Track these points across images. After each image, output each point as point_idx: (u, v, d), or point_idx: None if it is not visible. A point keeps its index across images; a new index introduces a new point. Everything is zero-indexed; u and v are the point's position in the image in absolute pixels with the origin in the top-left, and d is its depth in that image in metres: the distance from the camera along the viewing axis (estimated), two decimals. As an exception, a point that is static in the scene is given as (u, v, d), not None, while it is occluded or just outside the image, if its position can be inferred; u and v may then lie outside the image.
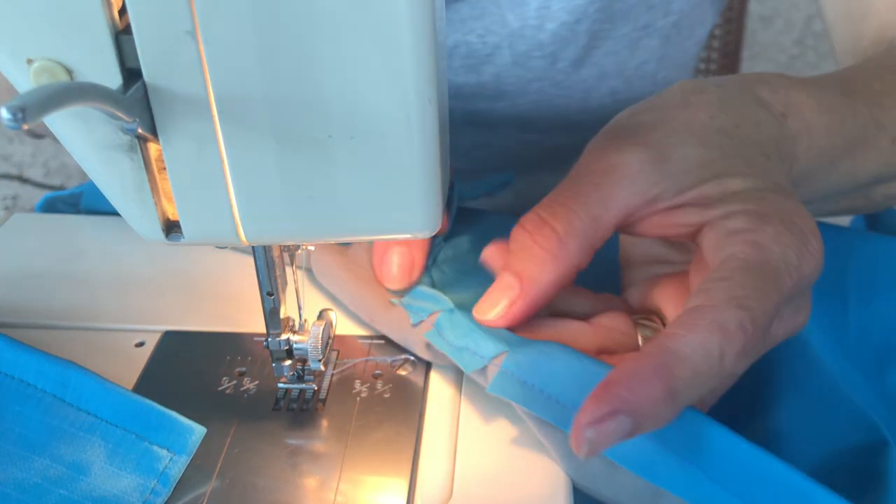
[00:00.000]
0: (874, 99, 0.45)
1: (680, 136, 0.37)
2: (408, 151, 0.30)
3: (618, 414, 0.30)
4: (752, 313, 0.32)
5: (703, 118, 0.38)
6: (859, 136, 0.43)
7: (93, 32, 0.27)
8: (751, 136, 0.39)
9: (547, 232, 0.37)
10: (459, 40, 0.60)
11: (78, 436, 0.38)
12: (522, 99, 0.63)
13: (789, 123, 0.41)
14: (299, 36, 0.27)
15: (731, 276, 0.33)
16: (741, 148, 0.38)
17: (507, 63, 0.60)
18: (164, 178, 0.31)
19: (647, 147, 0.37)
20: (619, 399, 0.30)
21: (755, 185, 0.36)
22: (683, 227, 0.37)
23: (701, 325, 0.31)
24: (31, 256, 0.52)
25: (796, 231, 0.34)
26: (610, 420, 0.30)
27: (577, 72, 0.62)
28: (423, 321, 0.41)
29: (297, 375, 0.41)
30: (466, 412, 0.41)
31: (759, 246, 0.34)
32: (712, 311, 0.32)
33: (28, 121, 0.22)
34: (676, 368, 0.31)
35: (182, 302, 0.48)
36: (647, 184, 0.36)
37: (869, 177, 0.45)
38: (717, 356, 0.31)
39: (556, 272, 0.37)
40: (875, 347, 0.45)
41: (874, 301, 0.47)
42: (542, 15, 0.58)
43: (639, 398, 0.30)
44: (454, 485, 0.37)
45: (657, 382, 0.30)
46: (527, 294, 0.37)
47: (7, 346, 0.41)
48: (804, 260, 0.34)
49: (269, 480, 0.37)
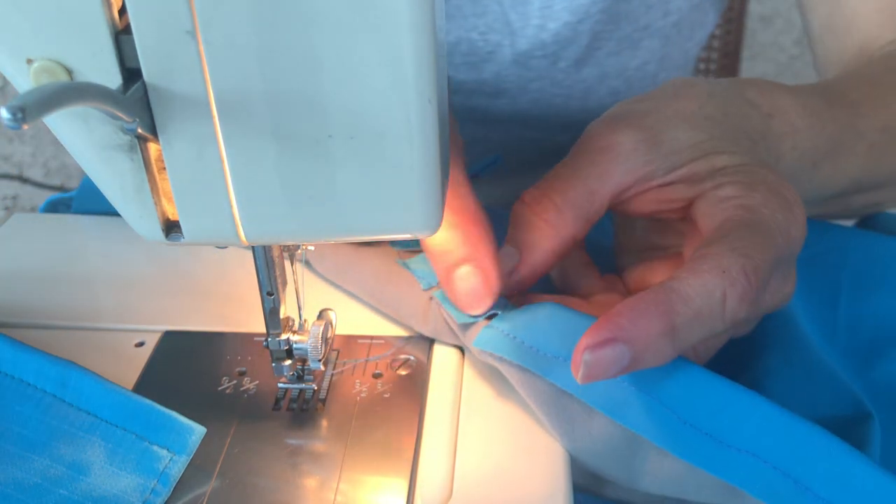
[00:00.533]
0: (853, 108, 0.48)
1: (671, 122, 0.39)
2: (408, 151, 0.30)
3: (616, 342, 0.31)
4: (752, 261, 0.33)
5: (692, 107, 0.40)
6: (839, 140, 0.46)
7: (93, 32, 0.27)
8: (738, 125, 0.41)
9: (545, 203, 0.39)
10: (461, 37, 0.60)
11: (78, 436, 0.38)
12: (522, 97, 0.63)
13: (775, 124, 0.43)
14: (299, 36, 0.27)
15: (729, 232, 0.34)
16: (728, 132, 0.40)
17: (507, 61, 0.61)
18: (164, 178, 0.31)
19: (641, 129, 0.39)
20: (618, 327, 0.31)
21: (742, 160, 0.38)
22: (676, 203, 0.39)
23: (704, 269, 0.33)
24: (31, 256, 0.52)
25: (782, 198, 0.36)
26: (608, 347, 0.31)
27: (578, 72, 0.62)
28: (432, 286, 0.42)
29: (297, 375, 0.41)
30: (466, 412, 0.41)
31: (751, 209, 0.35)
32: (715, 258, 0.33)
33: (28, 121, 0.22)
34: (678, 306, 0.32)
35: (182, 302, 0.48)
36: (641, 162, 0.38)
37: (849, 181, 0.48)
38: (718, 297, 0.32)
39: (555, 240, 0.39)
40: (864, 343, 0.46)
41: (865, 298, 0.48)
42: (544, 14, 0.58)
43: (637, 329, 0.31)
44: (454, 485, 0.37)
45: (657, 317, 0.31)
46: (526, 262, 0.39)
47: (7, 346, 0.41)
48: (791, 224, 0.35)
49: (269, 480, 0.37)
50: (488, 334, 0.38)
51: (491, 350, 0.38)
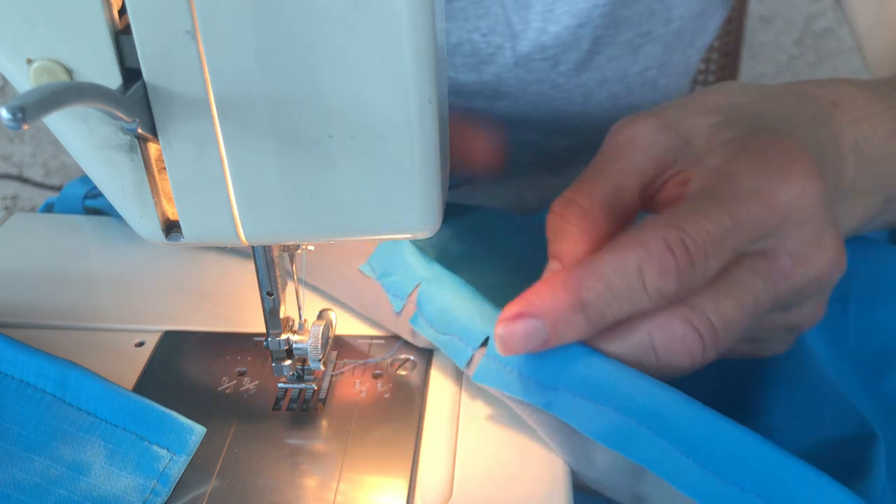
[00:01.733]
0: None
1: (692, 111, 0.39)
2: (408, 151, 0.30)
3: (527, 317, 0.33)
4: (681, 231, 0.32)
5: (721, 99, 0.39)
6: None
7: (93, 32, 0.27)
8: (771, 109, 0.39)
9: (573, 209, 0.38)
10: (463, 38, 0.60)
11: (78, 436, 0.38)
12: (522, 100, 0.63)
13: (840, 111, 0.40)
14: (299, 36, 0.27)
15: (680, 203, 0.34)
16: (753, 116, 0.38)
17: (508, 63, 0.60)
18: (164, 178, 0.31)
19: (660, 119, 0.38)
20: (528, 303, 0.33)
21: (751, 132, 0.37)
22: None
23: (622, 243, 0.33)
24: (31, 256, 0.52)
25: (767, 160, 0.34)
26: (519, 321, 0.33)
27: (578, 76, 0.62)
28: (405, 305, 0.42)
29: (297, 375, 0.41)
30: (466, 412, 0.41)
31: (726, 173, 0.34)
32: (640, 231, 0.33)
33: (28, 121, 0.22)
34: (587, 280, 0.32)
35: (182, 302, 0.48)
36: (661, 150, 0.37)
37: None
38: (632, 270, 0.32)
39: (589, 244, 0.38)
40: (873, 354, 0.46)
41: (875, 309, 0.47)
42: (545, 18, 0.58)
43: (545, 304, 0.33)
44: (454, 485, 0.37)
45: (565, 291, 0.33)
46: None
47: (7, 346, 0.41)
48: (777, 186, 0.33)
49: (269, 480, 0.37)
50: (487, 367, 0.38)
51: (491, 385, 0.38)
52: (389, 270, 0.43)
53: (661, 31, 0.62)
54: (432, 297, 0.41)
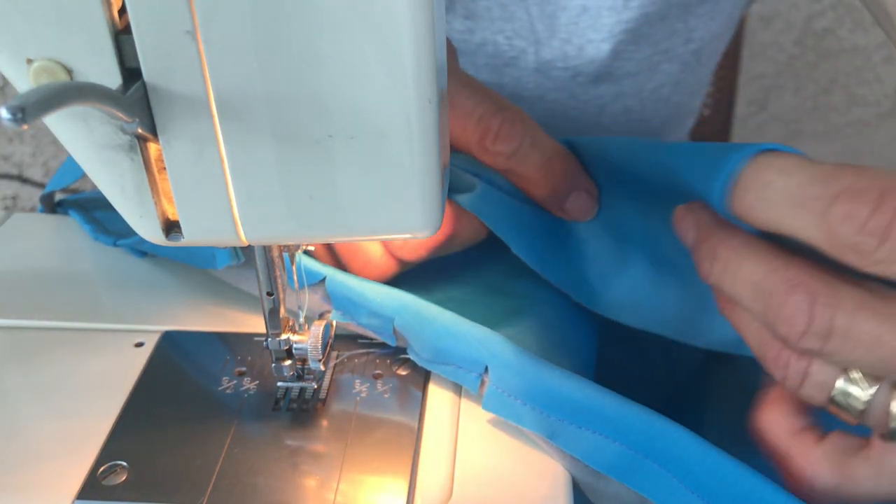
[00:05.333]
0: None
1: None
2: (408, 151, 0.30)
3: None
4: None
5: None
6: None
7: (92, 32, 0.27)
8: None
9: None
10: (487, 38, 0.61)
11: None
12: (539, 106, 0.64)
13: None
14: (299, 36, 0.27)
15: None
16: None
17: (529, 69, 0.61)
18: (164, 178, 0.31)
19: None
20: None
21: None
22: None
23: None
24: (31, 256, 0.52)
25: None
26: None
27: (595, 88, 0.62)
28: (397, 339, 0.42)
29: (297, 375, 0.41)
30: (466, 412, 0.41)
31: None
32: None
33: (28, 121, 0.22)
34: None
35: (182, 302, 0.48)
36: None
37: None
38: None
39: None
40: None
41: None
42: (569, 30, 0.59)
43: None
44: (454, 485, 0.37)
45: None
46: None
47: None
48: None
49: (269, 480, 0.37)
50: (493, 395, 0.38)
51: (502, 416, 0.38)
52: (356, 312, 0.42)
53: (681, 50, 0.63)
54: (413, 331, 0.41)
